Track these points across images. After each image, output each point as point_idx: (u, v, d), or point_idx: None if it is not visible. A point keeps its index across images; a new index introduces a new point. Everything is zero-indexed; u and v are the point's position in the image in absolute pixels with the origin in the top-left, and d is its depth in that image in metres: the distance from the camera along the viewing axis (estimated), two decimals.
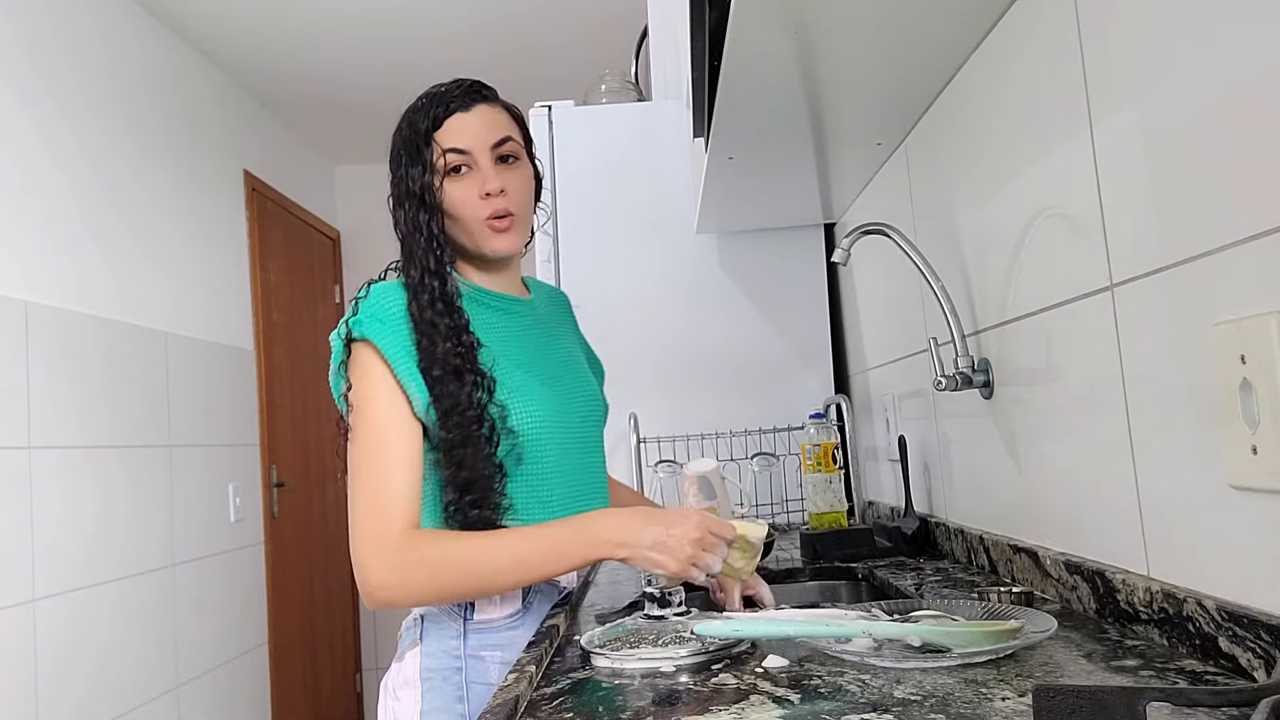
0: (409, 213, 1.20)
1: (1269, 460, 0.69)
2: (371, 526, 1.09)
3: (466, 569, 1.09)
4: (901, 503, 1.74)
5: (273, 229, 3.98)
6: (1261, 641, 0.71)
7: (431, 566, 1.08)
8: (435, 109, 1.22)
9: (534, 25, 3.45)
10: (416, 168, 1.20)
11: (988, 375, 1.30)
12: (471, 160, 1.21)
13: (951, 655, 0.83)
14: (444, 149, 1.20)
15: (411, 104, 1.25)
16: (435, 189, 1.20)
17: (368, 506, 1.11)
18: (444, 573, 1.08)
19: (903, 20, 1.16)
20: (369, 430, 1.14)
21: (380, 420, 1.13)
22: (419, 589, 1.09)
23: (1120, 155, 0.89)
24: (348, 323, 1.16)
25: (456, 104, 1.22)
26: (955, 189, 1.40)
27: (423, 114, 1.22)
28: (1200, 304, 0.78)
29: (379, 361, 1.14)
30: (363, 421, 1.14)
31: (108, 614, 2.61)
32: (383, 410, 1.13)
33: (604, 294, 2.32)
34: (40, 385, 2.40)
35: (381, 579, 1.08)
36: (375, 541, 1.09)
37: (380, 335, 1.14)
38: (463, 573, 1.09)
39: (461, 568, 1.09)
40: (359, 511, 1.11)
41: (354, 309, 1.17)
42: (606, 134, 2.41)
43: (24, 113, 2.46)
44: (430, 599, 1.12)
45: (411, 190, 1.20)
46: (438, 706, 1.14)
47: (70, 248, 2.60)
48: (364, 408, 1.14)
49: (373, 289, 1.18)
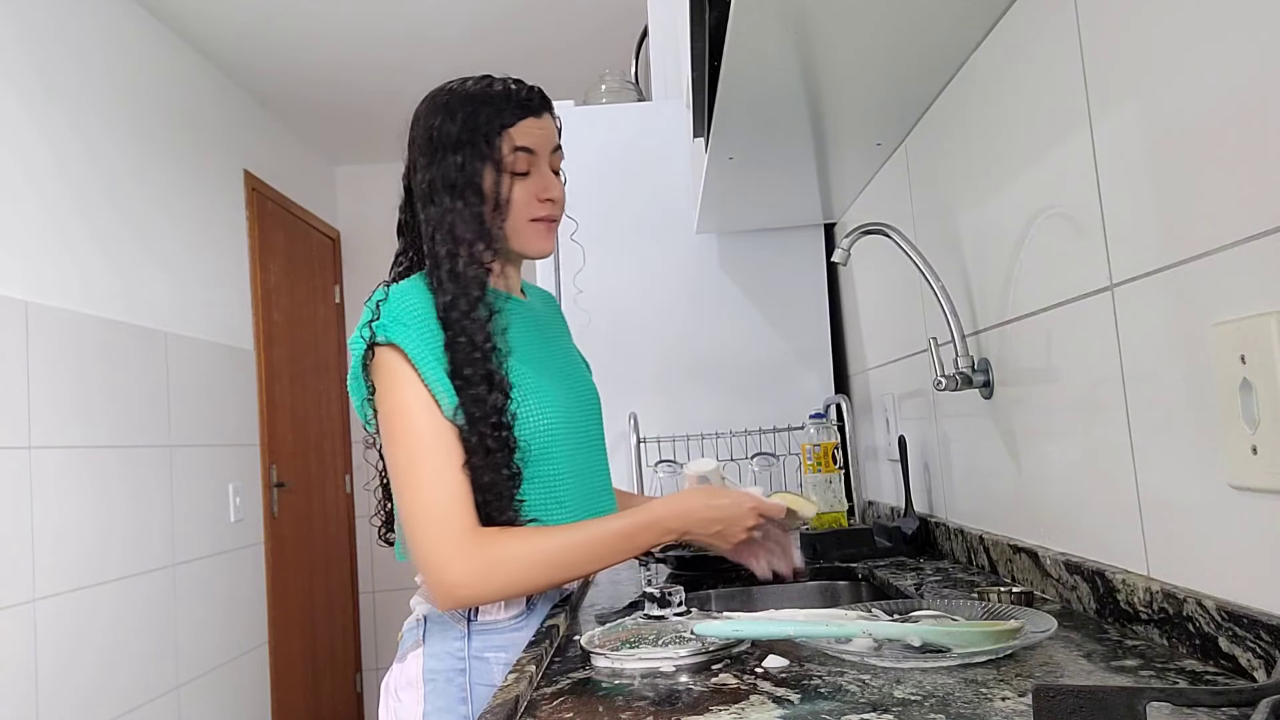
0: (469, 204, 1.18)
1: (1269, 460, 0.69)
2: (443, 529, 1.09)
3: (544, 564, 1.11)
4: (901, 503, 1.74)
5: (273, 229, 3.98)
6: (1261, 641, 0.71)
7: (511, 564, 1.10)
8: (510, 106, 1.21)
9: (534, 25, 3.46)
10: (481, 160, 1.18)
11: (988, 375, 1.30)
12: (534, 163, 1.22)
13: (951, 655, 0.83)
14: (515, 146, 1.20)
15: (461, 90, 1.22)
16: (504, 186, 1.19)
17: (432, 511, 1.10)
18: (523, 569, 1.10)
19: (903, 20, 1.16)
20: (411, 434, 1.12)
21: (420, 424, 1.12)
22: (498, 586, 1.10)
23: (1120, 155, 0.89)
24: (370, 326, 1.14)
25: (531, 108, 1.22)
26: (955, 189, 1.40)
27: (494, 107, 1.20)
28: (1200, 304, 0.78)
29: (406, 365, 1.13)
30: (401, 426, 1.13)
31: (108, 614, 2.61)
32: (421, 414, 1.12)
33: (604, 294, 2.32)
34: (40, 385, 2.40)
35: (462, 579, 1.08)
36: (451, 543, 1.09)
37: (406, 339, 1.13)
38: (540, 567, 1.11)
39: (539, 563, 1.10)
40: (421, 517, 1.10)
41: (374, 312, 1.15)
42: (606, 134, 2.41)
43: (24, 112, 2.46)
44: (507, 594, 1.12)
45: (474, 182, 1.18)
46: (441, 708, 1.14)
47: (70, 247, 2.60)
48: (399, 413, 1.13)
49: (392, 291, 1.17)
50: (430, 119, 1.22)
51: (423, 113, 1.24)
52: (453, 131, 1.19)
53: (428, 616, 1.19)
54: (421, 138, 1.22)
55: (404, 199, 1.28)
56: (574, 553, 1.12)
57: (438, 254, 1.17)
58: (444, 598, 1.10)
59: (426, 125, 1.22)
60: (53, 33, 2.61)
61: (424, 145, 1.22)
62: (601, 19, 3.41)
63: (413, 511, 1.11)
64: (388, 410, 1.14)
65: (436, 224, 1.18)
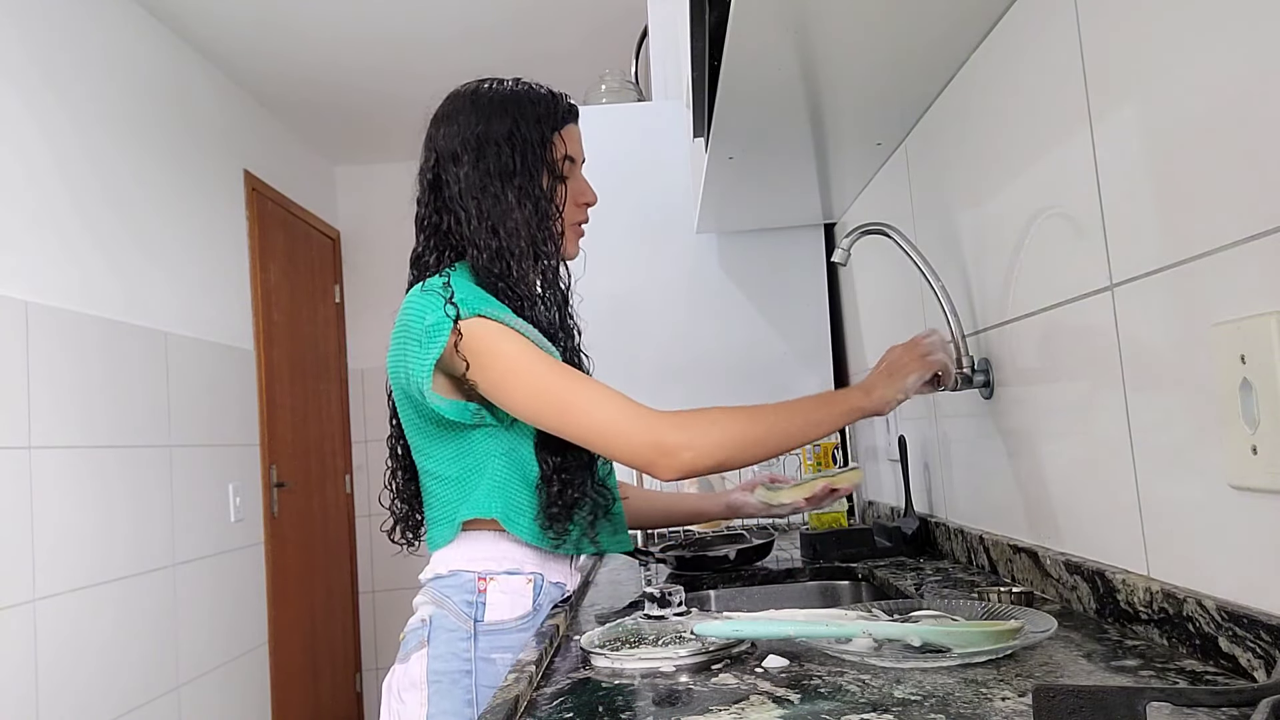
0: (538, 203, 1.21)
1: (1269, 460, 0.69)
2: (639, 412, 1.13)
3: (749, 431, 1.15)
4: (901, 503, 1.74)
5: (273, 229, 3.98)
6: (1261, 641, 0.71)
7: (720, 421, 1.14)
8: (561, 112, 1.27)
9: (534, 26, 3.45)
10: (536, 159, 1.22)
11: (988, 375, 1.30)
12: (574, 170, 1.28)
13: (951, 655, 0.83)
14: (564, 153, 1.26)
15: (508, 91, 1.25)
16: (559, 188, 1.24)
17: (622, 410, 1.13)
18: (733, 433, 1.14)
19: (903, 20, 1.16)
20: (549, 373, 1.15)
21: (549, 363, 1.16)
22: (717, 447, 1.12)
23: (1120, 155, 0.89)
24: (453, 303, 1.14)
25: (573, 115, 1.29)
26: (955, 189, 1.40)
27: (545, 110, 1.25)
28: (1200, 304, 0.78)
29: (503, 328, 1.15)
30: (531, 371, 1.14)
31: (108, 614, 2.61)
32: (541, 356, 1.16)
33: (604, 294, 2.32)
34: (40, 385, 2.40)
35: (682, 440, 1.11)
36: (659, 420, 1.12)
37: (491, 309, 1.15)
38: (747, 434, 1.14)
39: (745, 430, 1.14)
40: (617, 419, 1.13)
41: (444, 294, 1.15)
42: (606, 134, 2.40)
43: (25, 112, 2.46)
44: (725, 457, 1.14)
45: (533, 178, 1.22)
46: (445, 710, 1.14)
47: (70, 247, 2.60)
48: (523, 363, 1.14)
49: (451, 277, 1.18)
50: (474, 115, 1.23)
51: (462, 109, 1.25)
52: (503, 129, 1.22)
53: (433, 617, 1.18)
54: (466, 132, 1.22)
55: (425, 194, 1.27)
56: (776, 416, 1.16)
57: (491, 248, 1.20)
58: (670, 465, 1.12)
59: (470, 121, 1.23)
60: (53, 33, 2.61)
61: (470, 140, 1.22)
62: (601, 19, 3.41)
63: (599, 420, 1.13)
64: (504, 368, 1.14)
65: (496, 219, 1.20)
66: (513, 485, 1.19)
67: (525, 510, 1.19)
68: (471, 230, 1.20)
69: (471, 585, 1.18)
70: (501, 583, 1.19)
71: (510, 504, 1.18)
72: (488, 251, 1.19)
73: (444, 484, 1.21)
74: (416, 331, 1.15)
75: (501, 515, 1.18)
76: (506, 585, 1.19)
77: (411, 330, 1.15)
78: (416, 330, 1.15)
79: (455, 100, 1.26)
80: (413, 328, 1.15)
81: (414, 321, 1.15)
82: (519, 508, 1.19)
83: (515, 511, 1.19)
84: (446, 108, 1.26)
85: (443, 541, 1.22)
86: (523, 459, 1.19)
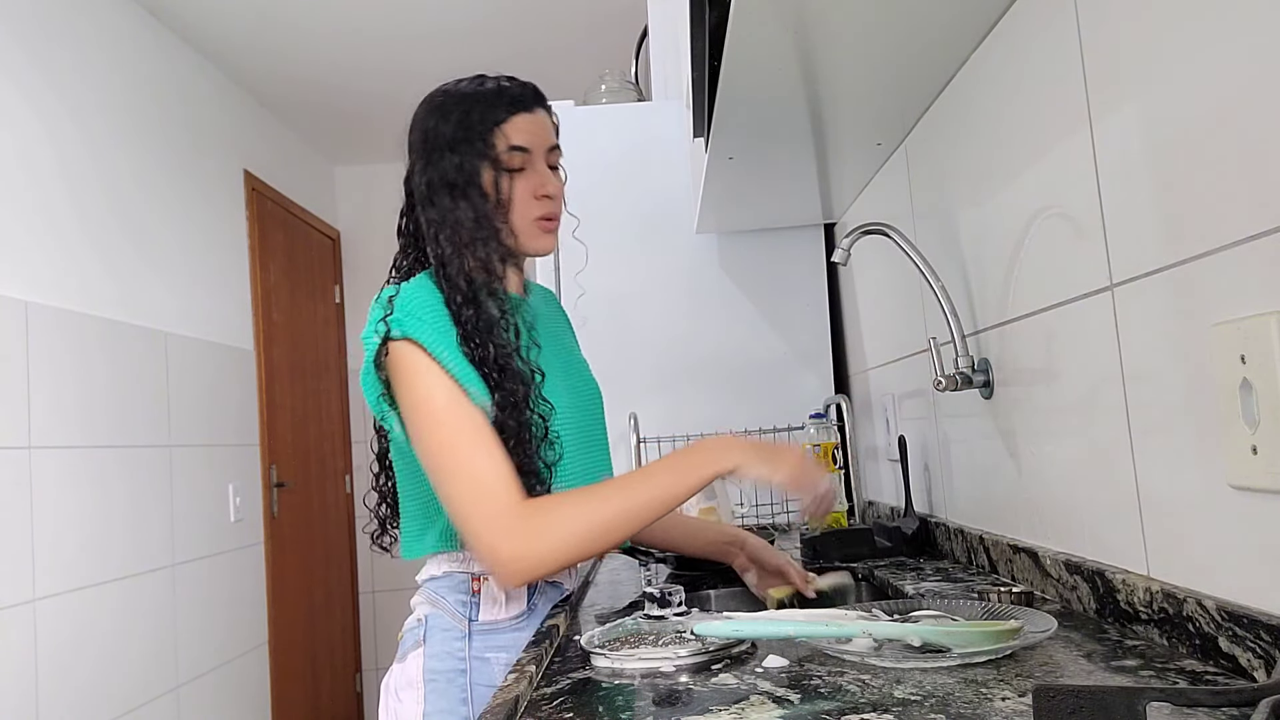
0: (473, 203, 1.18)
1: (1269, 460, 0.69)
2: (485, 508, 1.07)
3: (596, 517, 1.07)
4: (901, 503, 1.74)
5: (273, 229, 3.98)
6: (1261, 641, 0.71)
7: (561, 527, 1.06)
8: (503, 103, 1.20)
9: (534, 25, 3.46)
10: (478, 159, 1.18)
11: (988, 375, 1.30)
12: (530, 160, 1.21)
13: (951, 655, 0.83)
14: (510, 145, 1.19)
15: (456, 90, 1.23)
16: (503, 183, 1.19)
17: (473, 492, 1.08)
18: (575, 530, 1.07)
19: (903, 20, 1.16)
20: (439, 423, 1.11)
21: (449, 410, 1.11)
22: (554, 552, 1.06)
23: (1120, 155, 0.89)
24: (385, 322, 1.13)
25: (523, 104, 1.22)
26: (955, 189, 1.40)
27: (485, 105, 1.20)
28: (1200, 304, 0.78)
29: (426, 357, 1.12)
30: (430, 415, 1.11)
31: (108, 614, 2.61)
32: (448, 401, 1.11)
33: (604, 294, 2.32)
34: (40, 385, 2.40)
35: (515, 551, 1.05)
36: (496, 519, 1.06)
37: (422, 333, 1.12)
38: (593, 521, 1.07)
39: (591, 520, 1.07)
40: (465, 500, 1.08)
41: (386, 309, 1.14)
42: (606, 134, 2.41)
43: (25, 113, 2.46)
44: (566, 557, 1.08)
45: (475, 181, 1.18)
46: (441, 708, 1.14)
47: (70, 248, 2.60)
48: (426, 403, 1.11)
49: (403, 289, 1.16)
50: (426, 121, 1.22)
51: (419, 115, 1.24)
52: (447, 132, 1.19)
53: (428, 617, 1.19)
54: (418, 140, 1.23)
55: (405, 202, 1.28)
56: (626, 502, 1.08)
57: (443, 254, 1.17)
58: (503, 576, 1.07)
59: (423, 128, 1.22)
60: (53, 34, 2.61)
61: (420, 147, 1.22)
62: (601, 19, 3.41)
63: (456, 495, 1.09)
64: (413, 402, 1.12)
65: (439, 224, 1.18)
66: None
67: None
68: (430, 237, 1.20)
69: (465, 585, 1.18)
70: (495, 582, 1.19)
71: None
72: (437, 259, 1.18)
73: (414, 500, 1.21)
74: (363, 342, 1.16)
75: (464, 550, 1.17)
76: None
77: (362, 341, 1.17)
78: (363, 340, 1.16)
79: (420, 105, 1.25)
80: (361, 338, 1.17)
81: (363, 333, 1.17)
82: None
83: None
84: (413, 116, 1.26)
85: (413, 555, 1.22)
86: None
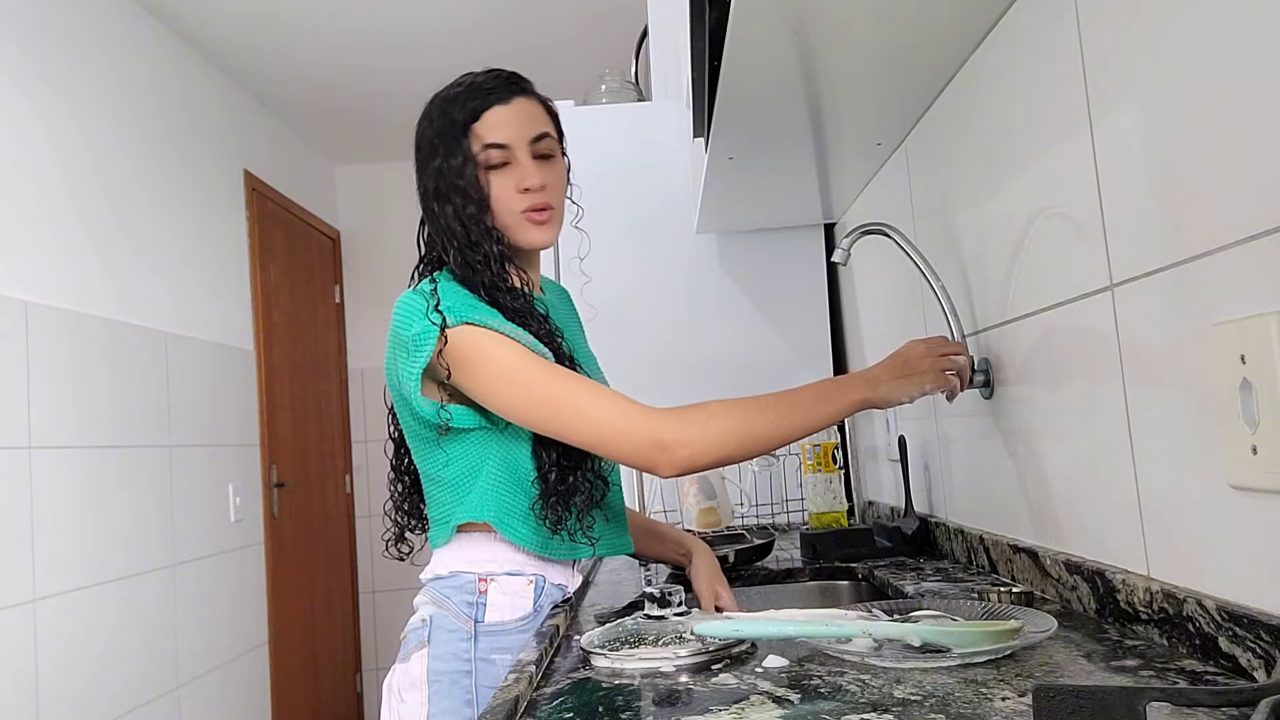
0: (456, 206, 1.17)
1: (1269, 460, 0.69)
2: (636, 408, 1.10)
3: (748, 425, 1.11)
4: (901, 503, 1.74)
5: (273, 229, 3.98)
6: (1261, 641, 0.71)
7: (717, 422, 1.10)
8: (473, 100, 1.19)
9: (534, 25, 3.45)
10: (456, 160, 1.17)
11: (988, 375, 1.30)
12: (511, 155, 1.20)
13: (951, 655, 0.83)
14: (485, 143, 1.18)
15: (441, 93, 1.22)
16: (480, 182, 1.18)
17: (615, 400, 1.11)
18: (731, 429, 1.10)
19: (903, 20, 1.16)
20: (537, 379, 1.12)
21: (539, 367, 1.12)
22: (715, 442, 1.09)
23: (1120, 155, 0.89)
24: (439, 310, 1.12)
25: (495, 96, 1.20)
26: (955, 189, 1.40)
27: (459, 104, 1.19)
28: (1200, 304, 0.78)
29: (491, 333, 1.12)
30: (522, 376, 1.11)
31: (108, 614, 2.61)
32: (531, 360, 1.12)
33: (604, 294, 2.32)
34: (40, 385, 2.40)
35: (681, 436, 1.08)
36: (651, 416, 1.09)
37: (477, 314, 1.13)
38: (745, 429, 1.11)
39: (744, 424, 1.10)
40: (609, 420, 1.10)
41: (429, 300, 1.13)
42: (606, 134, 2.40)
43: (25, 112, 2.46)
44: (724, 448, 1.10)
45: (455, 184, 1.18)
46: (445, 709, 1.14)
47: (70, 248, 2.60)
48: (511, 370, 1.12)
49: (440, 285, 1.16)
50: (418, 128, 1.23)
51: (418, 122, 1.24)
52: (430, 137, 1.20)
53: (433, 617, 1.18)
54: (415, 146, 1.23)
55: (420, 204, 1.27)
56: (775, 411, 1.12)
57: (451, 260, 1.19)
58: (670, 462, 1.09)
59: (417, 134, 1.23)
60: (53, 33, 2.61)
61: (415, 155, 1.23)
62: (601, 19, 3.41)
63: (595, 419, 1.10)
64: (496, 373, 1.12)
65: (439, 231, 1.20)
66: (507, 489, 1.18)
67: (520, 514, 1.18)
68: (438, 244, 1.20)
69: (472, 586, 1.18)
70: (502, 584, 1.18)
71: (504, 508, 1.18)
72: (452, 257, 1.18)
73: (441, 487, 1.21)
74: (405, 339, 1.14)
75: (495, 519, 1.17)
76: (507, 586, 1.19)
77: (400, 337, 1.15)
78: (405, 337, 1.14)
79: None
80: (401, 335, 1.15)
81: (402, 328, 1.15)
82: (513, 512, 1.18)
83: (509, 515, 1.18)
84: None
85: (441, 541, 1.22)
86: (518, 462, 1.18)
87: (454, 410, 1.16)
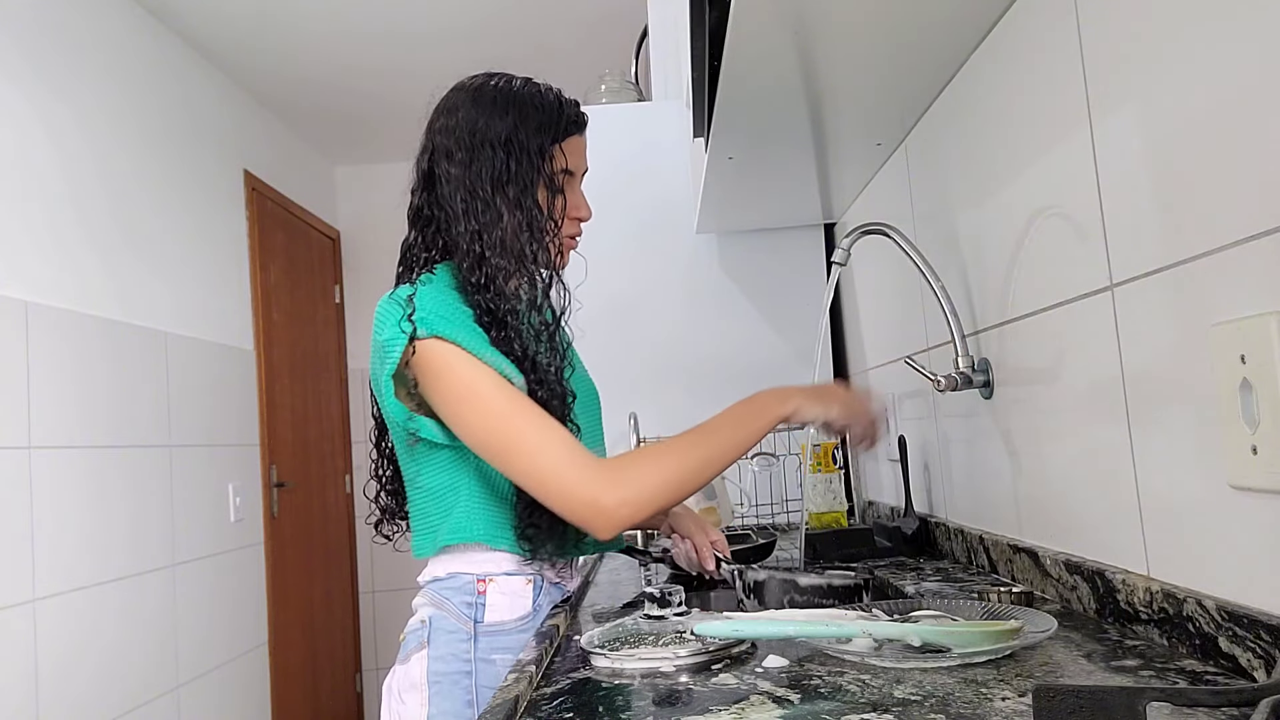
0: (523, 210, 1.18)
1: (1269, 460, 0.69)
2: (575, 468, 1.09)
3: (679, 469, 1.12)
4: (901, 503, 1.74)
5: (273, 229, 3.98)
6: (1261, 641, 0.71)
7: (652, 475, 1.11)
8: (564, 122, 1.22)
9: (534, 26, 3.45)
10: (530, 167, 1.18)
11: (988, 375, 1.30)
12: (572, 182, 1.25)
13: (951, 655, 0.83)
14: (563, 166, 1.22)
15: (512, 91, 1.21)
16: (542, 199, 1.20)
17: (555, 457, 1.10)
18: (666, 477, 1.11)
19: (903, 20, 1.16)
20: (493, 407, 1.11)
21: (500, 394, 1.11)
22: (652, 495, 1.10)
23: (1120, 155, 0.89)
24: (411, 321, 1.11)
25: (578, 125, 1.25)
26: (955, 189, 1.40)
27: (546, 116, 1.20)
28: (1200, 304, 0.78)
29: (459, 350, 1.11)
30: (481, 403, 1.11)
31: (108, 614, 2.61)
32: (493, 386, 1.11)
33: (604, 294, 2.32)
34: (40, 385, 2.40)
35: (619, 497, 1.08)
36: (589, 473, 1.09)
37: (450, 328, 1.11)
38: (678, 472, 1.12)
39: (675, 469, 1.12)
40: (549, 467, 1.09)
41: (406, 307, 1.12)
42: (606, 134, 2.40)
43: (25, 112, 2.46)
44: (660, 499, 1.11)
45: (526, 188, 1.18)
46: (446, 710, 1.13)
47: (70, 248, 2.60)
48: (472, 393, 1.11)
49: (421, 292, 1.14)
50: (474, 111, 1.19)
51: (462, 103, 1.21)
52: (501, 131, 1.18)
53: (432, 618, 1.18)
54: (462, 129, 1.19)
55: (420, 186, 1.24)
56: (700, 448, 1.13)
57: (474, 254, 1.16)
58: (606, 525, 1.09)
59: (469, 117, 1.19)
60: (52, 33, 2.61)
61: (465, 138, 1.18)
62: (601, 19, 3.41)
63: (537, 466, 1.09)
64: (457, 395, 1.11)
65: (482, 225, 1.17)
66: (492, 503, 1.18)
67: (508, 524, 1.17)
68: (457, 233, 1.18)
69: (471, 587, 1.18)
70: (501, 584, 1.18)
71: (492, 522, 1.17)
72: (471, 258, 1.16)
73: (421, 494, 1.20)
74: (378, 342, 1.14)
75: (485, 537, 1.17)
76: (506, 586, 1.19)
77: (375, 340, 1.15)
78: (378, 341, 1.14)
79: (458, 93, 1.23)
80: (375, 338, 1.15)
81: (376, 332, 1.15)
82: (501, 523, 1.17)
83: (497, 528, 1.17)
84: (449, 100, 1.23)
85: (427, 554, 1.21)
86: (496, 478, 1.17)
87: (422, 422, 1.15)
